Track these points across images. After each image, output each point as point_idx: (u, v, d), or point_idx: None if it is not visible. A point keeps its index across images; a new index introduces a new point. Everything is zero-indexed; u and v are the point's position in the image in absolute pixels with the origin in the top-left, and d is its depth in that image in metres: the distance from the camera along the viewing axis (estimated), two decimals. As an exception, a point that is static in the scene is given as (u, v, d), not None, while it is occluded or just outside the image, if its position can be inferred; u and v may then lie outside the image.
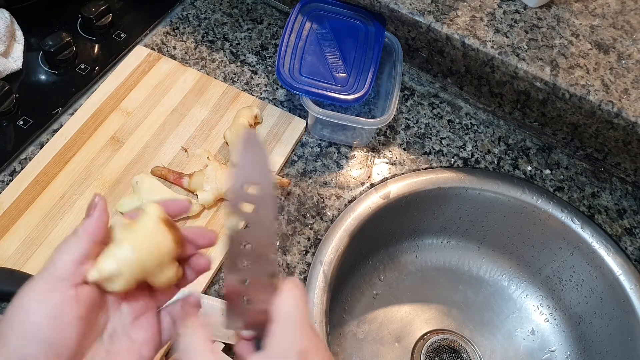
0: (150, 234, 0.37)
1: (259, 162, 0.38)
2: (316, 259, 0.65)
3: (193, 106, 0.73)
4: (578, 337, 0.76)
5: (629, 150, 0.71)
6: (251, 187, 0.38)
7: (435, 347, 0.76)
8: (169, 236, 0.37)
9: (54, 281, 0.35)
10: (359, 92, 0.68)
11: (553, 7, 0.74)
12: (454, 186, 0.73)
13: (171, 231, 0.38)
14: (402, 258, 0.82)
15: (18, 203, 0.63)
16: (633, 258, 0.70)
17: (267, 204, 0.38)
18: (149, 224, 0.37)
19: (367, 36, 0.73)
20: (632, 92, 0.67)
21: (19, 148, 0.68)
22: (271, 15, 0.84)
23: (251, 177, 0.38)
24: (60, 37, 0.73)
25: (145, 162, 0.68)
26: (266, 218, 0.38)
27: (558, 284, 0.78)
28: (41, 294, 0.34)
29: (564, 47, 0.70)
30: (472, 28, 0.71)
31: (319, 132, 0.73)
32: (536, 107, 0.73)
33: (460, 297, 0.81)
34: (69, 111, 0.72)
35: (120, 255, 0.36)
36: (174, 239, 0.38)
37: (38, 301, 0.34)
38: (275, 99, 0.76)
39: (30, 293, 0.34)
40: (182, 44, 0.80)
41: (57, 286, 0.34)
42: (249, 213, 0.38)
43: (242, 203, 0.37)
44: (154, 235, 0.37)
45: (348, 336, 0.76)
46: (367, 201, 0.69)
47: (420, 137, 0.76)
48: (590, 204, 0.73)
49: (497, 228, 0.78)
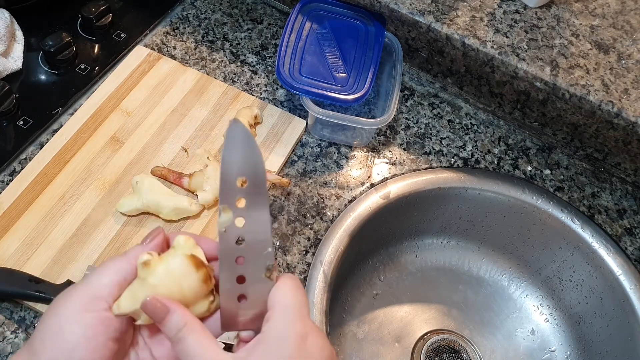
0: (173, 275, 0.35)
1: (248, 154, 0.36)
2: (316, 259, 0.65)
3: (193, 106, 0.73)
4: (578, 337, 0.76)
5: (629, 150, 0.71)
6: (242, 180, 0.36)
7: (435, 347, 0.76)
8: (194, 276, 0.35)
9: (91, 301, 0.34)
10: (359, 92, 0.68)
11: (553, 7, 0.74)
12: (454, 186, 0.73)
13: (198, 270, 0.35)
14: (402, 258, 0.82)
15: (18, 203, 0.63)
16: (633, 258, 0.70)
17: (260, 196, 0.36)
18: (173, 264, 0.35)
19: (367, 36, 0.73)
20: (632, 92, 0.67)
21: (19, 148, 0.68)
22: (271, 15, 0.84)
23: (241, 169, 0.36)
24: (60, 37, 0.73)
25: (145, 162, 0.68)
26: (259, 211, 0.36)
27: (558, 284, 0.78)
28: (77, 313, 0.34)
29: (564, 47, 0.70)
30: (472, 28, 0.71)
31: (319, 132, 0.73)
32: (536, 107, 0.73)
33: (460, 297, 0.81)
34: (69, 111, 0.72)
35: (140, 295, 0.35)
36: (200, 278, 0.35)
37: (74, 320, 0.34)
38: (275, 99, 0.76)
39: (65, 311, 0.34)
40: (182, 44, 0.80)
41: (94, 306, 0.34)
42: (241, 208, 0.36)
43: (234, 197, 0.36)
44: (177, 276, 0.35)
45: (348, 336, 0.76)
46: (367, 201, 0.69)
47: (420, 137, 0.76)
48: (590, 204, 0.73)
49: (497, 228, 0.78)
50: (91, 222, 0.63)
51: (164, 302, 0.34)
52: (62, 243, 0.61)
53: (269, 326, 0.35)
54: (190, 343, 0.34)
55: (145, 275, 0.35)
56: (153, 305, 0.34)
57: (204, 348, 0.34)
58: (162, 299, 0.34)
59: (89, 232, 0.62)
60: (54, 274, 0.59)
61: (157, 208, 0.62)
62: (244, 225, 0.36)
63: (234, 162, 0.36)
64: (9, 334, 0.56)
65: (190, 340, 0.34)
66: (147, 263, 0.35)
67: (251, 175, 0.36)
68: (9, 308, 0.58)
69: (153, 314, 0.34)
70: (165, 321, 0.34)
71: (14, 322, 0.57)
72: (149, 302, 0.34)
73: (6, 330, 0.57)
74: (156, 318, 0.34)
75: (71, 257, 0.60)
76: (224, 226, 0.36)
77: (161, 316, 0.34)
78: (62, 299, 0.35)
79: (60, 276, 0.59)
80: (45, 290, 0.56)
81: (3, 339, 0.56)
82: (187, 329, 0.34)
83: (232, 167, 0.36)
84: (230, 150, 0.35)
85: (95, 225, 0.63)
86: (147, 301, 0.34)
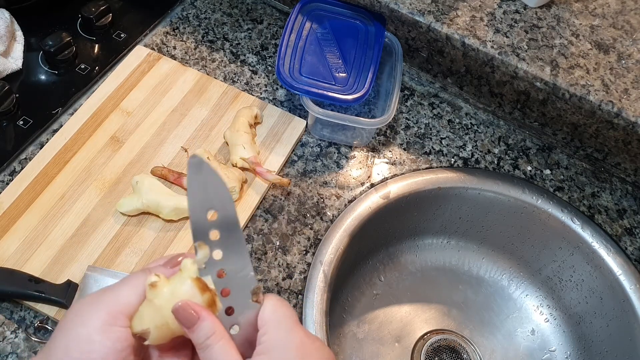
0: (178, 297, 0.35)
1: (212, 185, 0.36)
2: (316, 259, 0.65)
3: (193, 106, 0.73)
4: (578, 337, 0.76)
5: (629, 150, 0.71)
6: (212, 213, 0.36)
7: (435, 347, 0.76)
8: (199, 299, 0.35)
9: (117, 316, 0.35)
10: (359, 92, 0.68)
11: (553, 7, 0.74)
12: (454, 186, 0.73)
13: (203, 294, 0.35)
14: (402, 258, 0.82)
15: (18, 203, 0.63)
16: (633, 258, 0.70)
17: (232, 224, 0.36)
18: (179, 286, 0.36)
19: (367, 36, 0.73)
20: (632, 92, 0.67)
21: (19, 148, 0.68)
22: (271, 15, 0.84)
23: (209, 202, 0.36)
24: (60, 37, 0.73)
25: (145, 162, 0.68)
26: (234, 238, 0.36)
27: (558, 284, 0.78)
28: (106, 326, 0.34)
29: (564, 47, 0.70)
30: (472, 28, 0.71)
31: (319, 132, 0.73)
32: (536, 107, 0.73)
33: (460, 297, 0.81)
34: (69, 111, 0.72)
35: (146, 316, 0.35)
36: (205, 302, 0.35)
37: (103, 332, 0.34)
38: (275, 99, 0.76)
39: (93, 322, 0.34)
40: (182, 44, 0.80)
41: (120, 321, 0.35)
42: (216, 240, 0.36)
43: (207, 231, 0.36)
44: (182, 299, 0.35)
45: (348, 336, 0.76)
46: (367, 201, 0.69)
47: (420, 137, 0.76)
48: (590, 204, 0.73)
49: (497, 228, 0.78)
50: (91, 222, 0.63)
51: (196, 309, 0.35)
52: (62, 243, 0.61)
53: (266, 339, 0.35)
54: (216, 350, 0.34)
55: (152, 296, 0.36)
56: (185, 310, 0.35)
57: (229, 356, 0.34)
58: (194, 306, 0.35)
59: (89, 232, 0.62)
60: (54, 274, 0.59)
61: (157, 208, 0.62)
62: (222, 257, 0.36)
63: (200, 197, 0.36)
64: (9, 334, 0.56)
65: (217, 347, 0.34)
66: (154, 285, 0.36)
67: (219, 206, 0.36)
68: (9, 308, 0.58)
69: (184, 320, 0.35)
70: (195, 327, 0.35)
71: (14, 322, 0.57)
72: (181, 307, 0.35)
73: (6, 330, 0.57)
74: (187, 324, 0.35)
75: (71, 257, 0.60)
76: (203, 262, 0.36)
77: (192, 322, 0.35)
78: (87, 309, 0.35)
79: (60, 276, 0.59)
80: (45, 290, 0.56)
81: (3, 339, 0.56)
82: (216, 337, 0.35)
83: (199, 202, 0.36)
84: (193, 186, 0.36)
85: (95, 225, 0.63)
86: (180, 306, 0.35)
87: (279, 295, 0.61)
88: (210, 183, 0.36)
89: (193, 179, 0.35)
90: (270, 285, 0.63)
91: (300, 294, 0.63)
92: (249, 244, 0.65)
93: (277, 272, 0.63)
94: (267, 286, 0.62)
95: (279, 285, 0.63)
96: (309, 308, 0.62)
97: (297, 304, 0.62)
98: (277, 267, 0.64)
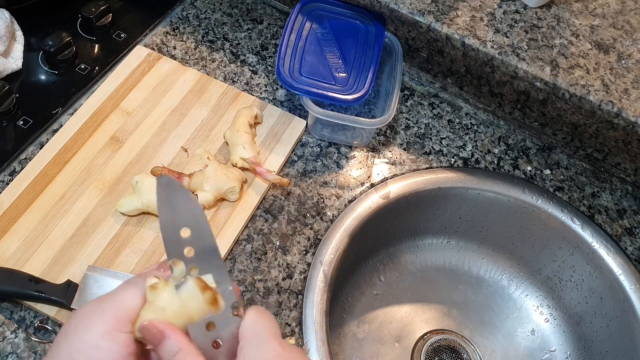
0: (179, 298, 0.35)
1: (183, 202, 0.36)
2: (316, 259, 0.65)
3: (193, 106, 0.73)
4: (578, 337, 0.76)
5: (629, 150, 0.71)
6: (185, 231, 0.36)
7: (435, 347, 0.76)
8: (200, 298, 0.35)
9: (122, 320, 0.35)
10: (359, 92, 0.68)
11: (553, 7, 0.74)
12: (454, 186, 0.73)
13: (204, 293, 0.35)
14: (402, 258, 0.82)
15: (18, 203, 0.63)
16: (633, 258, 0.70)
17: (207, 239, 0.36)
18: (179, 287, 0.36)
19: (367, 36, 0.73)
20: (632, 92, 0.67)
21: (19, 148, 0.68)
22: (271, 15, 0.84)
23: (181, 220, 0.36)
24: (60, 37, 0.73)
25: (145, 162, 0.68)
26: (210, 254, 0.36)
27: (558, 284, 0.78)
28: (112, 332, 0.34)
29: (564, 47, 0.70)
30: (472, 28, 0.71)
31: (319, 132, 0.73)
32: (536, 107, 0.73)
33: (460, 297, 0.81)
34: (69, 111, 0.72)
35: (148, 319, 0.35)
36: (206, 301, 0.35)
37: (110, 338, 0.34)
38: (275, 99, 0.76)
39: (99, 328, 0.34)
40: (182, 44, 0.80)
41: (124, 327, 0.35)
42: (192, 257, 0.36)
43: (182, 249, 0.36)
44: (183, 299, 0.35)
45: (348, 336, 0.76)
46: (367, 201, 0.69)
47: (420, 137, 0.76)
48: (590, 204, 0.73)
49: (497, 228, 0.78)
50: (91, 222, 0.63)
51: (159, 328, 0.35)
52: (62, 243, 0.61)
53: (243, 353, 0.35)
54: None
55: (153, 298, 0.36)
56: (149, 330, 0.35)
57: None
58: (158, 324, 0.35)
59: (89, 232, 0.62)
60: (54, 274, 0.59)
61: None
62: (199, 273, 0.36)
63: (172, 216, 0.36)
64: (9, 334, 0.56)
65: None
66: (155, 286, 0.36)
67: (192, 222, 0.36)
68: (9, 308, 0.58)
69: (149, 338, 0.35)
70: (161, 346, 0.35)
71: (14, 322, 0.57)
72: (145, 326, 0.35)
73: (6, 330, 0.57)
74: (153, 342, 0.35)
75: (71, 257, 0.60)
76: (180, 278, 0.36)
77: (158, 340, 0.35)
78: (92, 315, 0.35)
79: (60, 276, 0.59)
80: (45, 290, 0.56)
81: (3, 339, 0.56)
82: (182, 354, 0.34)
83: (171, 221, 0.36)
84: (164, 206, 0.36)
85: (95, 225, 0.63)
86: (144, 325, 0.35)
87: (279, 296, 0.61)
88: (182, 201, 0.36)
89: (163, 198, 0.36)
90: (270, 285, 0.63)
91: (300, 294, 0.63)
92: (249, 244, 0.65)
93: (277, 272, 0.63)
94: (267, 286, 0.62)
95: (279, 285, 0.63)
96: (309, 308, 0.62)
97: (297, 304, 0.62)
98: (277, 267, 0.64)
